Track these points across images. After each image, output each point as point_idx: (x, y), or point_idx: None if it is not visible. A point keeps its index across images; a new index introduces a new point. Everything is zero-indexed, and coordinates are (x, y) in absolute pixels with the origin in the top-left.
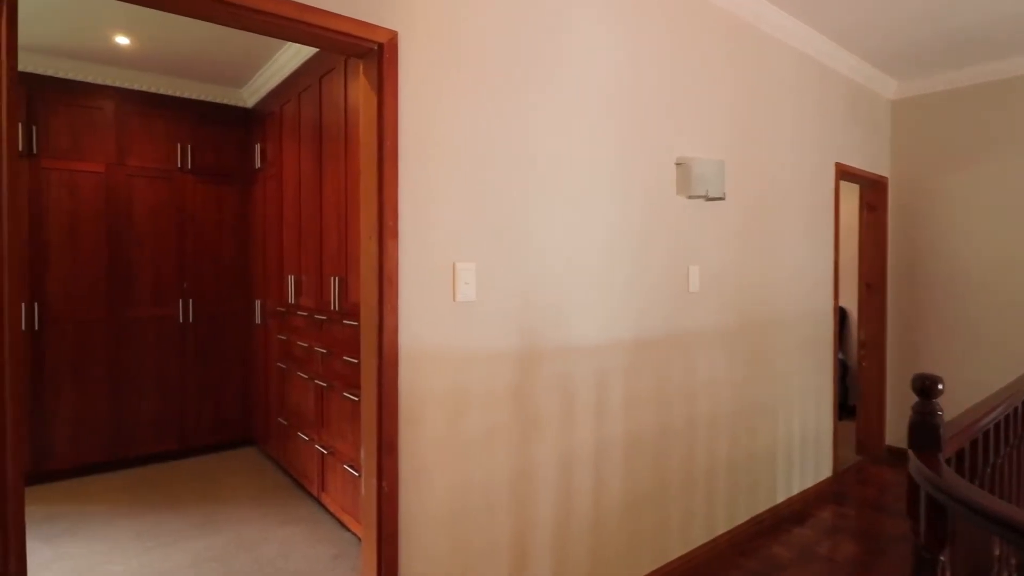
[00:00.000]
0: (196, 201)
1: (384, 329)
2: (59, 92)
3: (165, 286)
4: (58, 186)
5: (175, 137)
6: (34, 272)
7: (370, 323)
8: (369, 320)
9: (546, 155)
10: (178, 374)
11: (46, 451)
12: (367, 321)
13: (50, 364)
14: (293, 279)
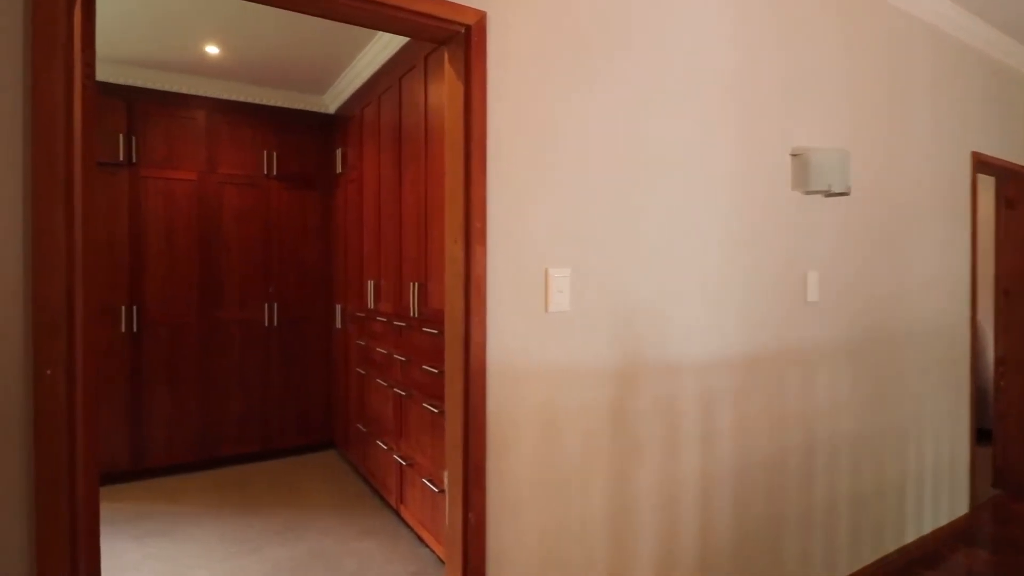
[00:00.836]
0: (281, 207)
1: (471, 343)
2: (156, 103)
3: (251, 290)
4: (155, 194)
5: (261, 144)
6: (133, 277)
7: (455, 335)
8: (454, 332)
9: (652, 147)
10: (262, 377)
11: (143, 449)
12: (452, 333)
13: (147, 366)
14: (372, 284)
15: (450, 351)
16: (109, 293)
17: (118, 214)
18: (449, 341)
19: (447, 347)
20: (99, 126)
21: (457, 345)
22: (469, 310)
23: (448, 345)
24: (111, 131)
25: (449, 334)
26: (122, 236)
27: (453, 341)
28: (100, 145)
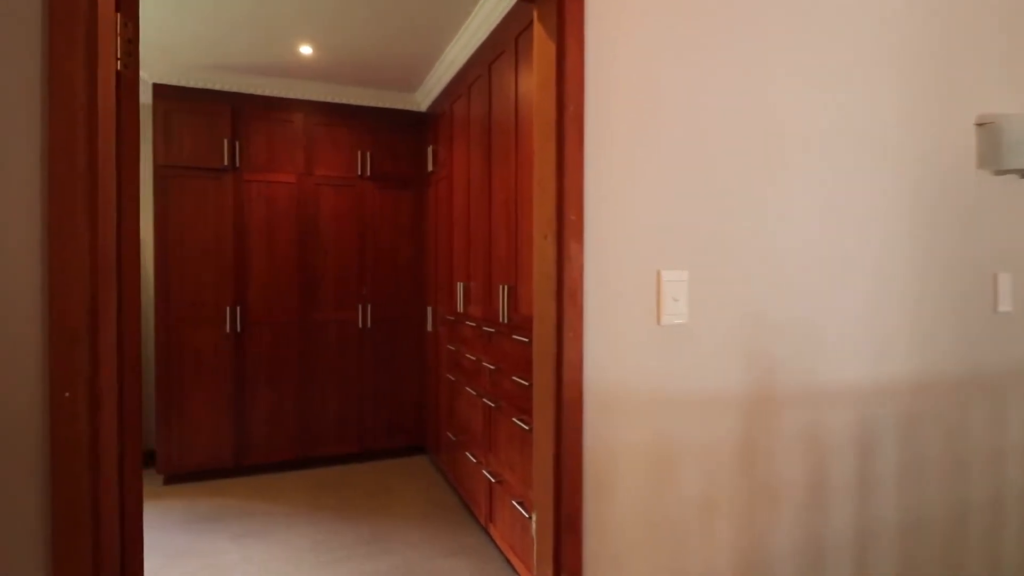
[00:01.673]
0: (375, 208)
1: (564, 361)
2: (257, 108)
3: (346, 291)
4: (257, 197)
5: (356, 145)
6: (237, 278)
7: (545, 351)
8: (544, 347)
9: (789, 120)
10: (357, 377)
11: (246, 447)
12: (541, 348)
13: (249, 365)
14: (462, 286)
15: (539, 370)
16: (215, 295)
17: (223, 218)
18: (538, 357)
19: (535, 365)
20: (206, 132)
21: (547, 363)
22: (562, 320)
23: (537, 362)
24: (217, 137)
25: (538, 349)
26: (227, 239)
27: (543, 358)
28: (206, 150)
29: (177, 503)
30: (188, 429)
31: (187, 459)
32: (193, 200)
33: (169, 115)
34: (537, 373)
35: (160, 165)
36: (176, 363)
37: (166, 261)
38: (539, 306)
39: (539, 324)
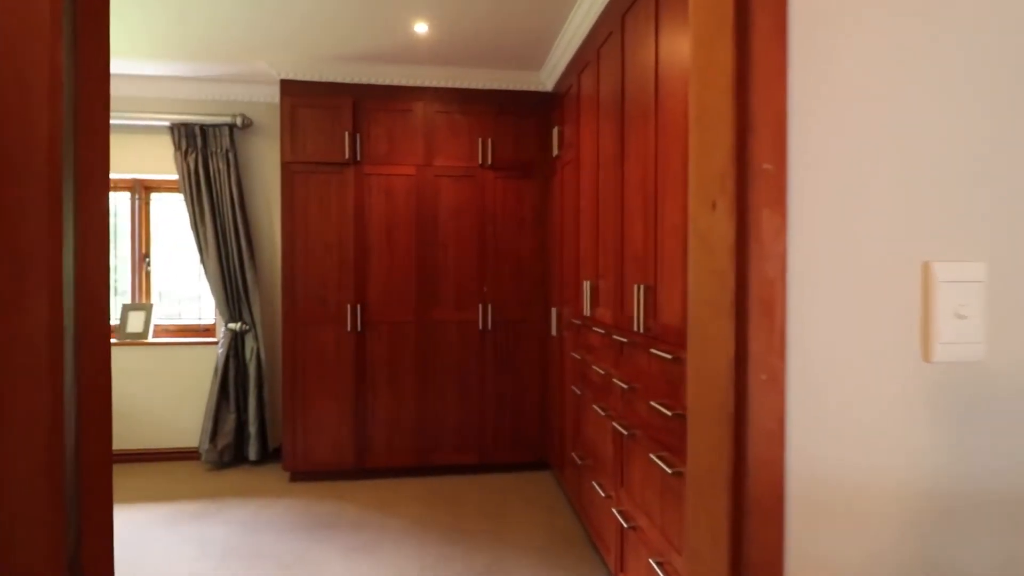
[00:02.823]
0: (496, 199)
1: (750, 427)
2: (377, 99)
3: (466, 289)
4: (377, 191)
5: (476, 132)
6: (358, 275)
7: (710, 403)
8: (709, 395)
9: None
10: (478, 382)
11: (366, 450)
12: (704, 396)
13: (370, 365)
14: (589, 286)
15: (699, 435)
16: (338, 293)
17: (344, 213)
18: (698, 414)
19: (691, 425)
20: (329, 126)
21: (714, 425)
22: (744, 353)
23: (695, 422)
24: (339, 130)
25: (697, 397)
26: (348, 235)
27: (705, 415)
28: (328, 144)
29: (298, 503)
30: (312, 428)
31: (311, 457)
32: (316, 196)
33: (295, 111)
34: (695, 440)
35: (287, 162)
36: (301, 361)
37: (292, 259)
38: (697, 322)
39: (699, 354)
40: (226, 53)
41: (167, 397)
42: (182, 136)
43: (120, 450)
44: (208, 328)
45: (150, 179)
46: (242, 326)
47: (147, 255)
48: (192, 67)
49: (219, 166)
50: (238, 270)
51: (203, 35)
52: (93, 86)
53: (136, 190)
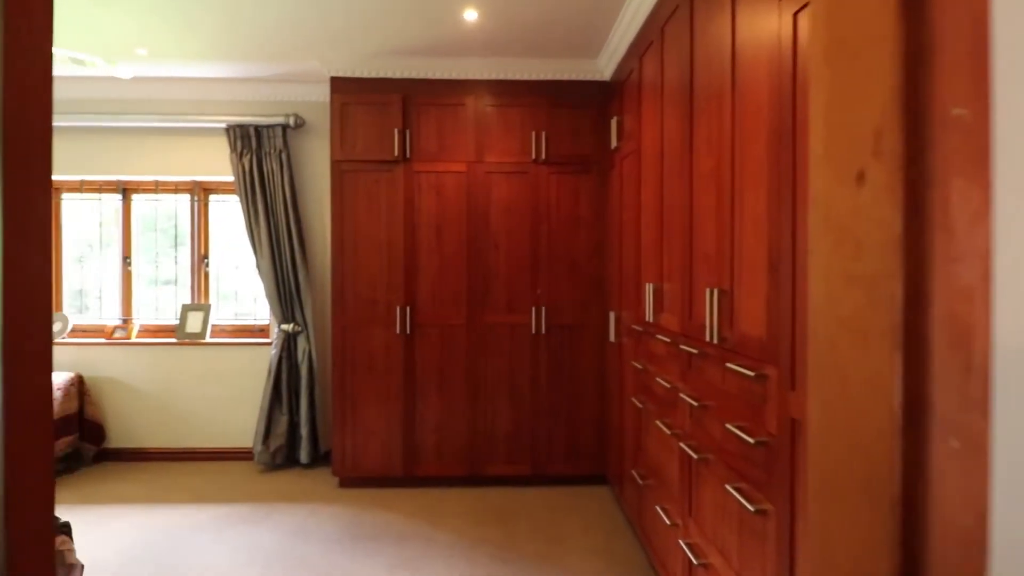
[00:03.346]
0: (550, 196)
1: (931, 523)
2: (426, 94)
3: (518, 291)
4: (427, 189)
5: (529, 126)
6: (407, 276)
7: (855, 476)
8: (853, 463)
9: None
10: (531, 390)
11: (416, 456)
12: (841, 462)
13: (420, 369)
14: (652, 288)
15: (835, 518)
16: (387, 294)
17: (393, 212)
18: (826, 481)
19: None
20: (378, 123)
21: (863, 509)
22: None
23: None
24: (388, 127)
25: (827, 460)
26: (397, 234)
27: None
28: (378, 142)
29: (346, 511)
30: (361, 433)
31: (360, 464)
32: (366, 195)
33: (345, 108)
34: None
35: (336, 161)
36: (350, 364)
37: (342, 260)
38: (825, 350)
39: (829, 396)
40: (278, 52)
41: (223, 397)
42: (237, 137)
43: (178, 448)
44: (263, 329)
45: (208, 181)
46: (294, 327)
47: (206, 256)
48: (246, 68)
49: (273, 167)
50: (290, 271)
51: (254, 35)
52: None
53: (195, 192)
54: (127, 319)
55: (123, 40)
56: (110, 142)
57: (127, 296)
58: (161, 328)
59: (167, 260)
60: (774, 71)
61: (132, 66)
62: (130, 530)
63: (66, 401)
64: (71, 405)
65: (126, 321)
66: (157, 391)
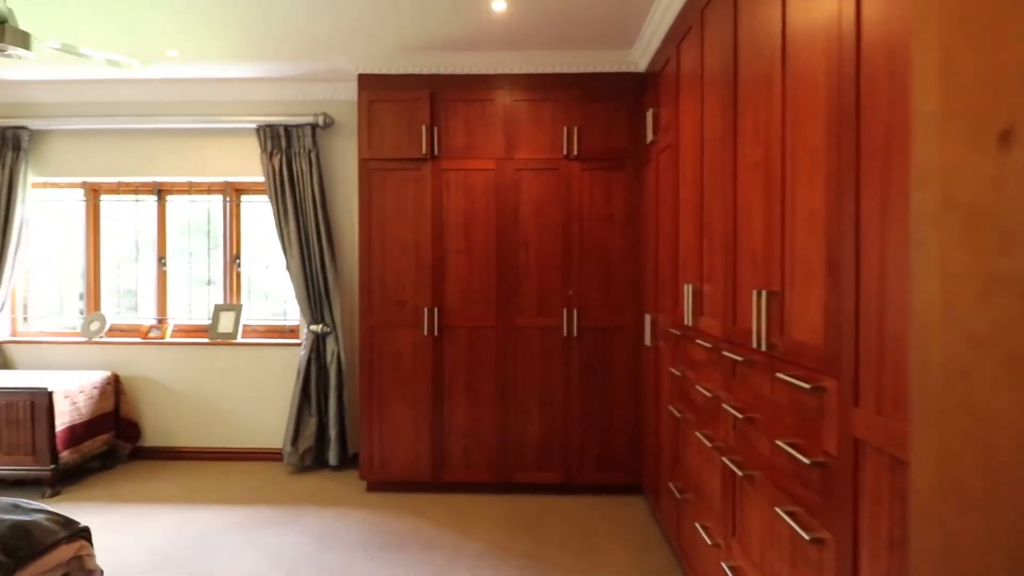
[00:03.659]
0: (583, 193)
1: None
2: (455, 89)
3: (549, 293)
4: (455, 188)
5: (560, 121)
6: (435, 277)
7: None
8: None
9: None
10: (562, 394)
11: (443, 460)
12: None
13: (448, 372)
14: (691, 290)
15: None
16: (415, 295)
17: (421, 211)
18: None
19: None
20: (406, 120)
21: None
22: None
23: None
24: (416, 124)
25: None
26: (425, 234)
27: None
28: (406, 139)
29: (373, 516)
30: (389, 436)
31: (388, 467)
32: (394, 194)
33: (372, 106)
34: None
35: (364, 160)
36: (378, 366)
37: (369, 260)
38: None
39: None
40: (305, 50)
41: (254, 397)
42: (267, 137)
43: (209, 448)
44: (293, 329)
45: (240, 181)
46: (323, 328)
47: (238, 256)
48: (275, 67)
49: (302, 166)
50: (319, 271)
51: (281, 33)
52: None
53: (227, 193)
54: (162, 319)
55: (154, 42)
56: (145, 144)
57: (162, 296)
58: (195, 328)
59: (200, 260)
60: (833, 50)
61: (164, 68)
62: (161, 531)
63: (102, 399)
64: (107, 403)
65: (161, 321)
66: (190, 391)
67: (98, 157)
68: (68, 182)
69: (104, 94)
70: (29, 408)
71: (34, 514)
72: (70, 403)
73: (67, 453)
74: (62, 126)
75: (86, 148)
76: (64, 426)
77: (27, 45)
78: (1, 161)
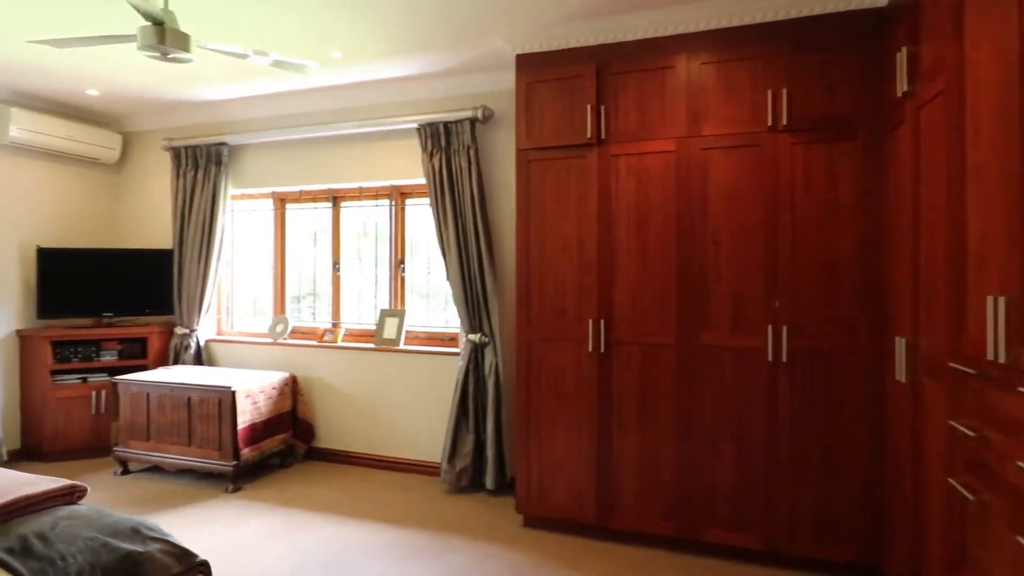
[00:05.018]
0: (793, 173)
1: None
2: (626, 59)
3: (747, 303)
4: (626, 176)
5: (762, 84)
6: (602, 282)
7: None
8: None
9: None
10: (764, 435)
11: (612, 502)
12: None
13: (616, 396)
14: (1000, 305)
15: None
16: (577, 304)
17: (585, 205)
18: None
19: None
20: (568, 101)
21: None
22: None
23: None
24: (579, 105)
25: None
26: (590, 231)
27: None
28: (567, 123)
29: (526, 560)
30: (548, 464)
31: (546, 501)
32: (554, 186)
33: (531, 88)
34: None
35: (522, 150)
36: (535, 382)
37: (527, 263)
38: None
39: None
40: (463, 34)
41: (415, 407)
42: (428, 136)
43: (374, 455)
44: (453, 337)
45: (405, 185)
46: (481, 337)
47: (402, 261)
48: (433, 59)
49: (461, 164)
50: (478, 276)
51: (441, 19)
52: None
53: (393, 196)
54: (335, 323)
55: (320, 43)
56: (321, 153)
57: (336, 300)
58: (364, 333)
59: (369, 265)
60: None
61: (328, 73)
62: (311, 545)
63: (281, 399)
64: (285, 403)
65: (335, 325)
66: (357, 395)
67: (283, 167)
68: (260, 192)
69: (285, 107)
70: (217, 405)
71: (150, 544)
72: (251, 402)
73: (247, 451)
74: (253, 140)
75: (273, 160)
76: (245, 424)
77: (187, 47)
78: (206, 176)
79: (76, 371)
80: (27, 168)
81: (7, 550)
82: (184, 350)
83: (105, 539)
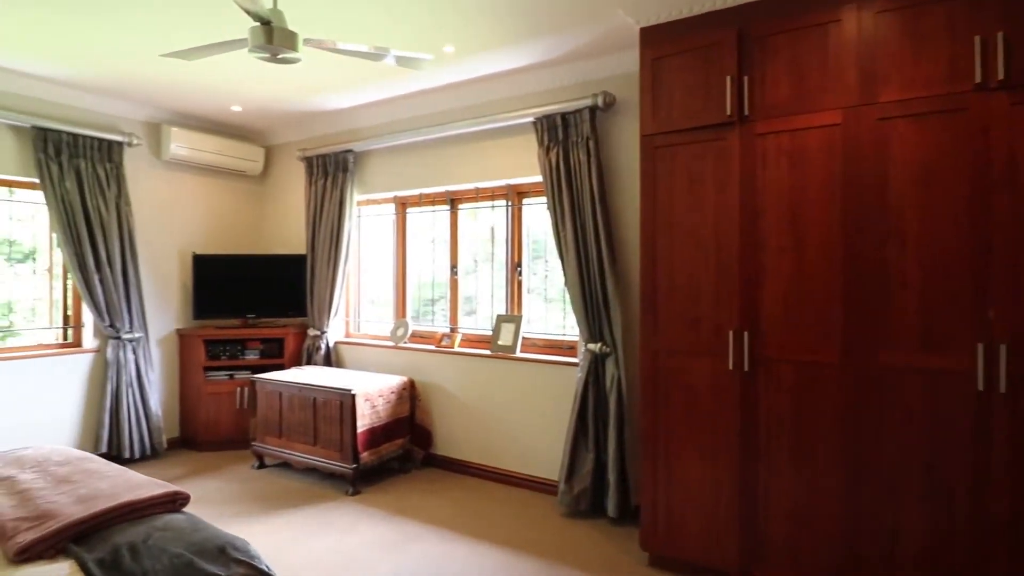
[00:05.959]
0: (1013, 145)
1: None
2: (773, 18)
3: (944, 313)
4: (775, 158)
5: (964, 29)
6: (744, 287)
7: None
8: None
9: None
10: (971, 484)
11: (758, 545)
12: None
13: (763, 422)
14: None
15: None
16: (713, 311)
17: (724, 195)
18: None
19: None
20: (701, 76)
21: None
22: None
23: None
24: (715, 78)
25: None
26: (729, 227)
27: None
28: (700, 101)
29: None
30: (678, 496)
31: (676, 538)
32: (685, 175)
33: (657, 64)
34: None
35: (647, 135)
36: (664, 402)
37: (653, 263)
38: None
39: None
40: (579, 12)
41: (531, 419)
42: (544, 130)
43: (489, 466)
44: (572, 346)
45: (521, 184)
46: (602, 347)
47: (519, 264)
48: (548, 46)
49: (579, 157)
50: (597, 279)
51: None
52: None
53: (509, 196)
54: (453, 327)
55: (433, 37)
56: (438, 154)
57: (454, 305)
58: (480, 338)
59: (485, 268)
60: None
61: (442, 70)
62: (420, 564)
63: (399, 404)
64: (403, 408)
65: (452, 330)
66: (474, 403)
67: (401, 171)
68: (382, 197)
69: (403, 110)
70: (338, 408)
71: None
72: (370, 406)
73: (366, 454)
74: (374, 145)
75: (392, 164)
76: (364, 428)
77: (295, 46)
78: (334, 182)
79: (224, 368)
80: (184, 181)
81: (98, 561)
82: (315, 351)
83: (191, 557)
